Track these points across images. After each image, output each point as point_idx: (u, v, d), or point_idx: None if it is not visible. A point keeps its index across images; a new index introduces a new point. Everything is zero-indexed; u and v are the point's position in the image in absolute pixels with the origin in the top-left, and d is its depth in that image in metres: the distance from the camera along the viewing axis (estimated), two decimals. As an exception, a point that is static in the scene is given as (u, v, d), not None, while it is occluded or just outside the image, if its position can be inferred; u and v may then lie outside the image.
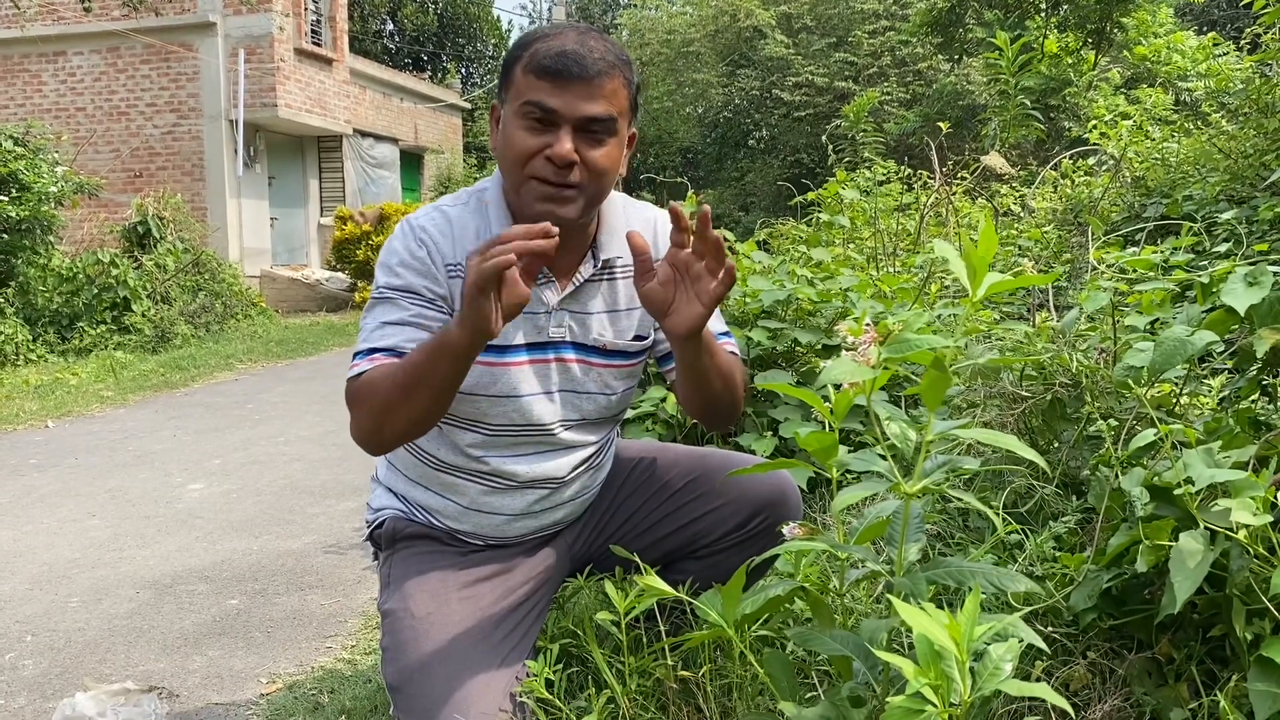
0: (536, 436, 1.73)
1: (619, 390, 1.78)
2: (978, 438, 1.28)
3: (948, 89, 14.19)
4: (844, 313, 3.04)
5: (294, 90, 14.50)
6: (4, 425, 5.96)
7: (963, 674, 1.11)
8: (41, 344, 9.13)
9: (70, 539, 3.56)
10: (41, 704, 2.25)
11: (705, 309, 1.48)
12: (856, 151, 8.12)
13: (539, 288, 1.67)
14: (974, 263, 1.28)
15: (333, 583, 3.03)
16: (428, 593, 1.74)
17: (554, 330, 1.70)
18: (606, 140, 1.57)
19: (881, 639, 1.30)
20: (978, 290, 1.28)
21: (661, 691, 1.75)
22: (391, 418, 1.52)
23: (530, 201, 1.57)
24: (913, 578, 1.32)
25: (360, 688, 2.20)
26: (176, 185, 13.72)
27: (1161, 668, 1.66)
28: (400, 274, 1.63)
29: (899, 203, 6.12)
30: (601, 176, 1.59)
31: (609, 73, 1.56)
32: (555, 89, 1.53)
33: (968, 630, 1.12)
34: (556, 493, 1.78)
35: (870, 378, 1.26)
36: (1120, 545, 1.65)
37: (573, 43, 1.55)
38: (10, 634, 2.68)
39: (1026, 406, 2.22)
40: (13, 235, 9.29)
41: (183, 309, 10.08)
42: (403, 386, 1.48)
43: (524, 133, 1.55)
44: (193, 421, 6.02)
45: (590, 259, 1.71)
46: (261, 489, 4.25)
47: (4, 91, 14.61)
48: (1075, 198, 5.92)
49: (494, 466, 1.73)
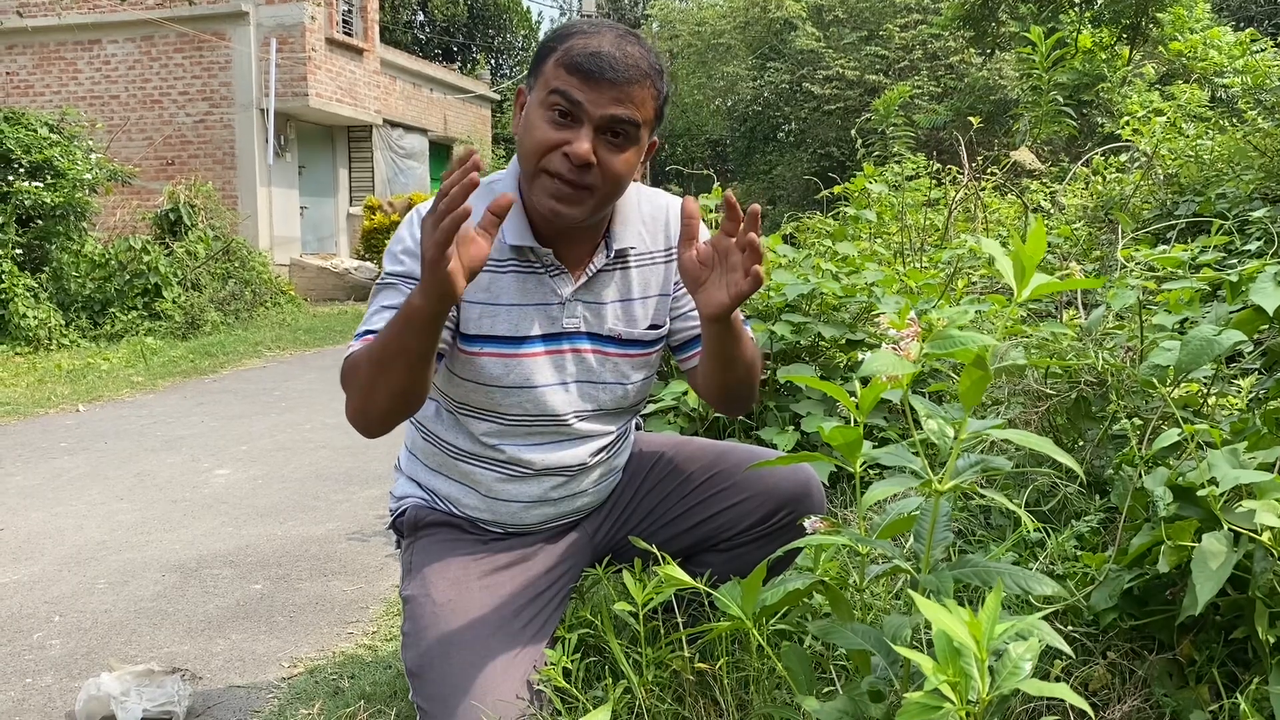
0: (551, 426, 1.73)
1: (636, 380, 1.79)
2: (1013, 438, 1.27)
3: (979, 83, 14.09)
4: (869, 308, 3.03)
5: (325, 80, 14.58)
6: (37, 409, 6.04)
7: (982, 672, 1.11)
8: (74, 329, 9.24)
9: (98, 522, 3.61)
10: (68, 683, 2.28)
11: (729, 301, 1.50)
12: (886, 146, 8.06)
13: (552, 277, 1.68)
14: (1023, 262, 1.26)
15: (355, 569, 3.05)
16: (449, 580, 1.75)
17: (568, 321, 1.70)
18: (626, 147, 1.57)
19: (905, 635, 1.30)
20: (1024, 291, 1.27)
21: (678, 683, 1.76)
22: (373, 395, 1.52)
23: (541, 196, 1.58)
24: (939, 576, 1.31)
25: (380, 673, 2.22)
26: (208, 173, 13.83)
27: (1182, 669, 1.65)
28: (403, 260, 1.64)
29: (927, 197, 6.08)
30: (617, 182, 1.59)
31: (640, 80, 1.56)
32: (585, 86, 1.53)
33: (988, 629, 1.12)
34: (573, 480, 1.79)
35: (911, 372, 1.26)
36: (1142, 545, 1.64)
37: (609, 44, 1.55)
38: (39, 614, 2.72)
39: (1051, 404, 2.20)
40: (47, 221, 9.40)
41: (213, 296, 10.17)
42: (378, 361, 1.49)
43: (546, 124, 1.55)
44: (220, 408, 6.08)
45: (603, 249, 1.71)
46: (287, 475, 4.28)
47: (41, 79, 14.77)
48: (1106, 194, 5.86)
49: (509, 455, 1.74)
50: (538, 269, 1.68)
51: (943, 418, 1.31)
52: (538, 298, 1.68)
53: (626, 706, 1.71)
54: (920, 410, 1.31)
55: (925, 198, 6.01)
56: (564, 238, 1.67)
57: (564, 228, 1.64)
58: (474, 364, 1.67)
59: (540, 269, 1.68)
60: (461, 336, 1.67)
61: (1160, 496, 1.61)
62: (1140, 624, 1.69)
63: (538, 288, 1.68)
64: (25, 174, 9.13)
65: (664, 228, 1.78)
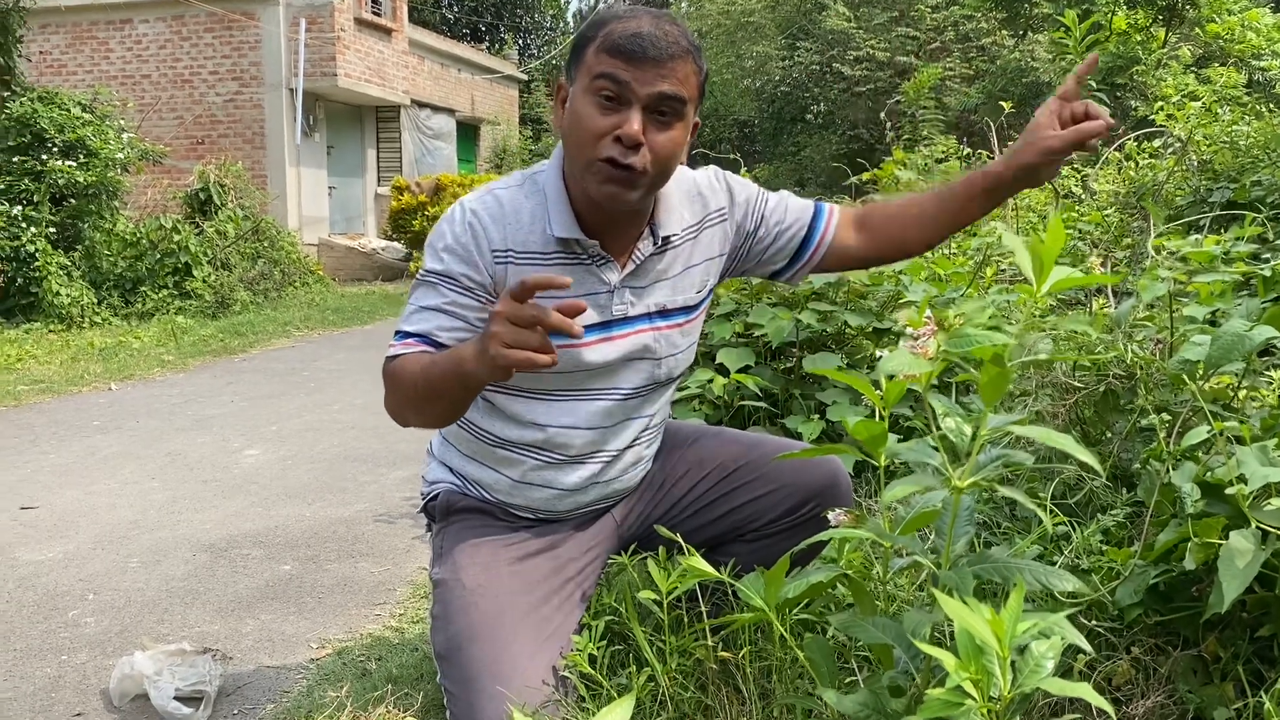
0: (601, 402, 1.75)
1: (683, 346, 1.81)
2: (1034, 436, 1.26)
3: (1011, 65, 13.93)
4: (896, 295, 3.02)
5: (353, 60, 14.61)
6: (70, 387, 6.12)
7: (1004, 670, 1.11)
8: (106, 307, 9.35)
9: (131, 500, 3.66)
10: (102, 660, 2.33)
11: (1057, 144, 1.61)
12: (916, 129, 8.00)
13: (599, 267, 1.69)
14: (1041, 257, 1.26)
15: (382, 551, 3.09)
16: (479, 565, 1.77)
17: (616, 308, 1.71)
18: (674, 124, 1.58)
19: (925, 632, 1.30)
20: (1042, 285, 1.27)
21: (701, 671, 1.77)
22: (411, 414, 1.62)
23: (595, 183, 1.58)
24: (959, 572, 1.32)
25: (407, 655, 2.25)
26: (237, 153, 13.92)
27: (1207, 666, 1.65)
28: (443, 258, 1.65)
29: (954, 180, 6.03)
30: (666, 161, 1.60)
31: (682, 56, 1.57)
32: (629, 66, 1.54)
33: (1010, 627, 1.12)
34: (609, 467, 1.80)
35: (927, 371, 1.26)
36: (1169, 542, 1.63)
37: (648, 25, 1.56)
38: (74, 592, 2.77)
39: (1079, 397, 2.19)
40: (80, 200, 9.51)
41: (242, 275, 10.25)
42: (422, 393, 1.55)
43: (594, 110, 1.56)
44: (250, 387, 6.14)
45: (649, 236, 1.72)
46: (315, 456, 4.33)
47: (73, 58, 14.89)
48: (1139, 180, 5.80)
49: (550, 437, 1.75)
50: (584, 260, 1.68)
51: (961, 416, 1.31)
52: (585, 289, 1.68)
53: (650, 694, 1.72)
54: (938, 409, 1.30)
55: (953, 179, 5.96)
56: (609, 228, 1.68)
57: (615, 215, 1.66)
58: None
59: (586, 260, 1.68)
60: None
61: (1188, 493, 1.61)
62: (1165, 620, 1.68)
63: (585, 278, 1.69)
64: (59, 153, 9.23)
65: (700, 198, 1.80)
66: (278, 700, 2.12)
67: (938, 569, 1.37)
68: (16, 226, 8.73)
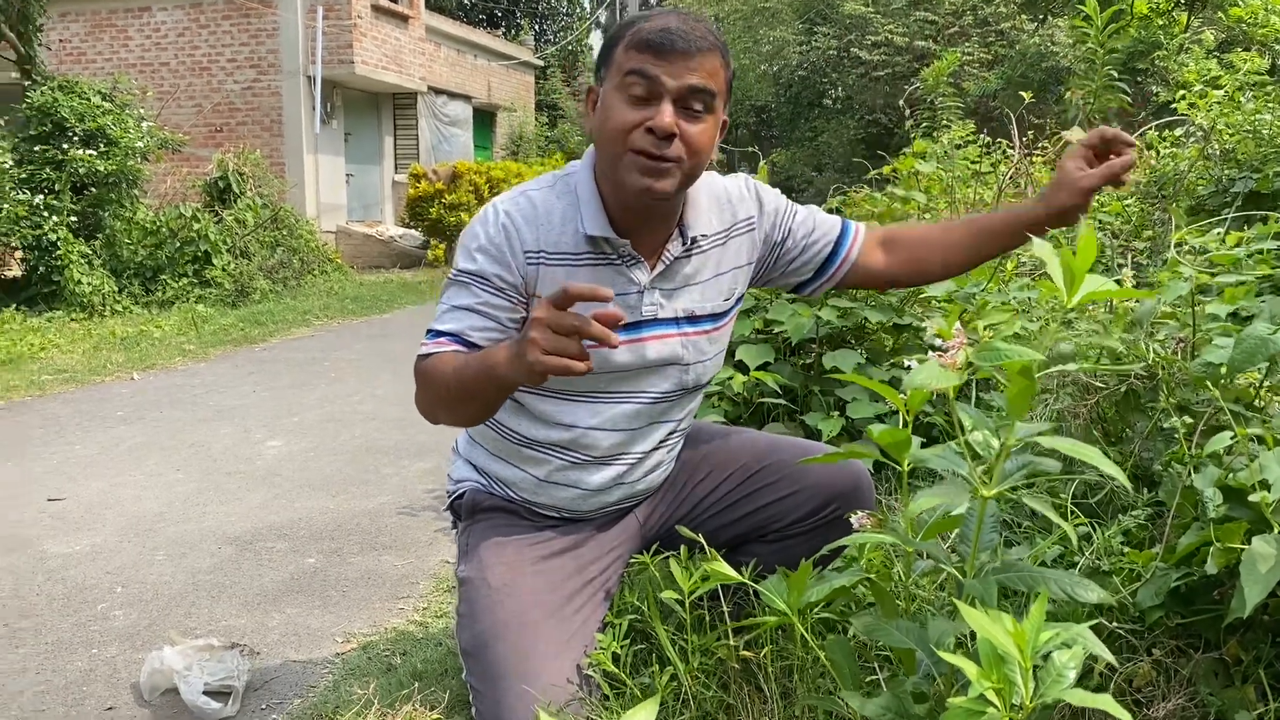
0: (627, 405, 1.76)
1: (711, 353, 1.82)
2: (1061, 448, 1.27)
3: (1031, 50, 13.82)
4: (916, 291, 3.02)
5: (370, 47, 14.62)
6: (93, 376, 6.18)
7: (1025, 680, 1.13)
8: (127, 295, 9.41)
9: (156, 492, 3.71)
10: (131, 654, 2.36)
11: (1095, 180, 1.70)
12: (935, 116, 7.95)
13: (629, 267, 1.71)
14: (1073, 269, 1.26)
15: (405, 544, 3.12)
16: (504, 564, 1.80)
17: (646, 309, 1.73)
18: (704, 117, 1.60)
19: (949, 641, 1.31)
20: (1073, 297, 1.27)
21: (723, 670, 1.79)
22: (443, 412, 1.64)
23: (629, 175, 1.59)
24: (983, 581, 1.33)
25: (431, 650, 2.27)
26: (255, 141, 13.96)
27: (1228, 669, 1.65)
28: (476, 259, 1.67)
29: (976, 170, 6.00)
30: (698, 154, 1.61)
31: (710, 50, 1.59)
32: (659, 60, 1.56)
33: (1032, 637, 1.14)
34: (634, 469, 1.82)
35: (954, 384, 1.27)
36: (1190, 545, 1.64)
37: (675, 21, 1.59)
38: (102, 585, 2.81)
39: (1100, 396, 2.19)
40: (101, 189, 9.56)
41: (261, 264, 10.30)
42: (455, 393, 1.57)
43: (625, 105, 1.58)
44: (271, 377, 6.18)
45: (678, 237, 1.74)
46: (338, 448, 4.36)
47: (93, 46, 14.96)
48: (1160, 170, 5.76)
49: (577, 438, 1.77)
50: (614, 260, 1.70)
51: (988, 427, 1.31)
52: (615, 289, 1.70)
53: (672, 693, 1.74)
54: (966, 421, 1.31)
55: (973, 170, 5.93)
56: (640, 227, 1.70)
57: (647, 213, 1.67)
58: None
59: (616, 260, 1.70)
60: None
61: (1210, 498, 1.61)
62: (1186, 622, 1.69)
63: (614, 279, 1.70)
64: (79, 142, 9.28)
65: (728, 204, 1.82)
66: (304, 695, 2.15)
67: (962, 576, 1.38)
68: (38, 215, 8.79)
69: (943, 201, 4.91)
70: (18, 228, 8.66)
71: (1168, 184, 5.72)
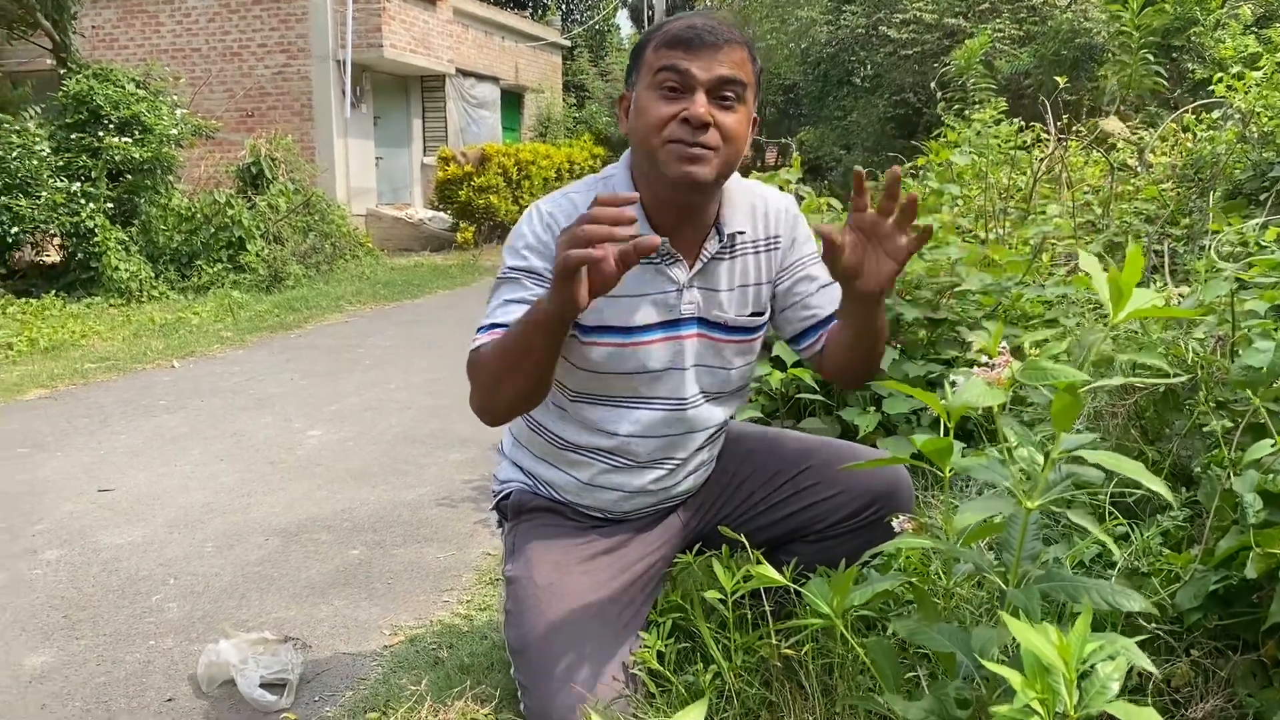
0: (664, 411, 1.80)
1: (738, 365, 1.86)
2: (1105, 463, 1.29)
3: (1064, 26, 13.62)
4: (951, 285, 3.03)
5: (399, 30, 14.65)
6: (135, 364, 6.29)
7: (1070, 691, 1.16)
8: (163, 281, 9.53)
9: (202, 483, 3.78)
10: (187, 646, 2.43)
11: (898, 264, 1.53)
12: (965, 98, 7.89)
13: (668, 266, 1.74)
14: (1119, 287, 1.28)
15: (446, 535, 3.18)
16: (550, 563, 1.85)
17: (685, 307, 1.77)
18: (737, 107, 1.64)
19: (993, 651, 1.34)
20: (1119, 313, 1.29)
21: (765, 668, 1.83)
22: (499, 389, 1.61)
23: (669, 165, 1.62)
24: (1027, 592, 1.36)
25: (477, 644, 2.33)
26: (286, 125, 14.05)
27: (1267, 670, 1.67)
28: (526, 256, 1.72)
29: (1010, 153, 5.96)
30: (733, 141, 1.65)
31: (737, 43, 1.64)
32: (689, 55, 1.61)
33: (1077, 650, 1.16)
34: (673, 473, 1.87)
35: (1000, 401, 1.29)
36: (1229, 549, 1.66)
37: (701, 20, 1.65)
38: (154, 576, 2.88)
39: (1139, 395, 2.20)
40: (136, 175, 9.67)
41: (294, 249, 10.39)
42: (503, 359, 1.57)
43: (659, 100, 1.62)
44: (307, 364, 6.27)
45: (715, 235, 1.77)
46: (376, 437, 4.43)
47: (125, 32, 15.07)
48: (1197, 153, 5.70)
49: (618, 444, 1.81)
50: (654, 259, 1.74)
51: (1033, 444, 1.34)
52: (655, 287, 1.75)
53: (715, 690, 1.79)
54: (1011, 436, 1.34)
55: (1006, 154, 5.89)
56: (678, 226, 1.74)
57: (685, 208, 1.71)
58: (591, 353, 1.75)
59: (656, 259, 1.74)
60: (579, 328, 1.74)
61: (1250, 504, 1.63)
62: (1225, 624, 1.71)
63: (655, 278, 1.75)
64: (115, 129, 9.38)
65: (764, 217, 1.84)
66: (355, 688, 2.21)
67: (1005, 585, 1.41)
68: (76, 203, 8.91)
69: (976, 188, 4.89)
70: (56, 215, 8.78)
71: (1205, 168, 5.66)
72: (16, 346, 6.79)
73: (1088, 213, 5.24)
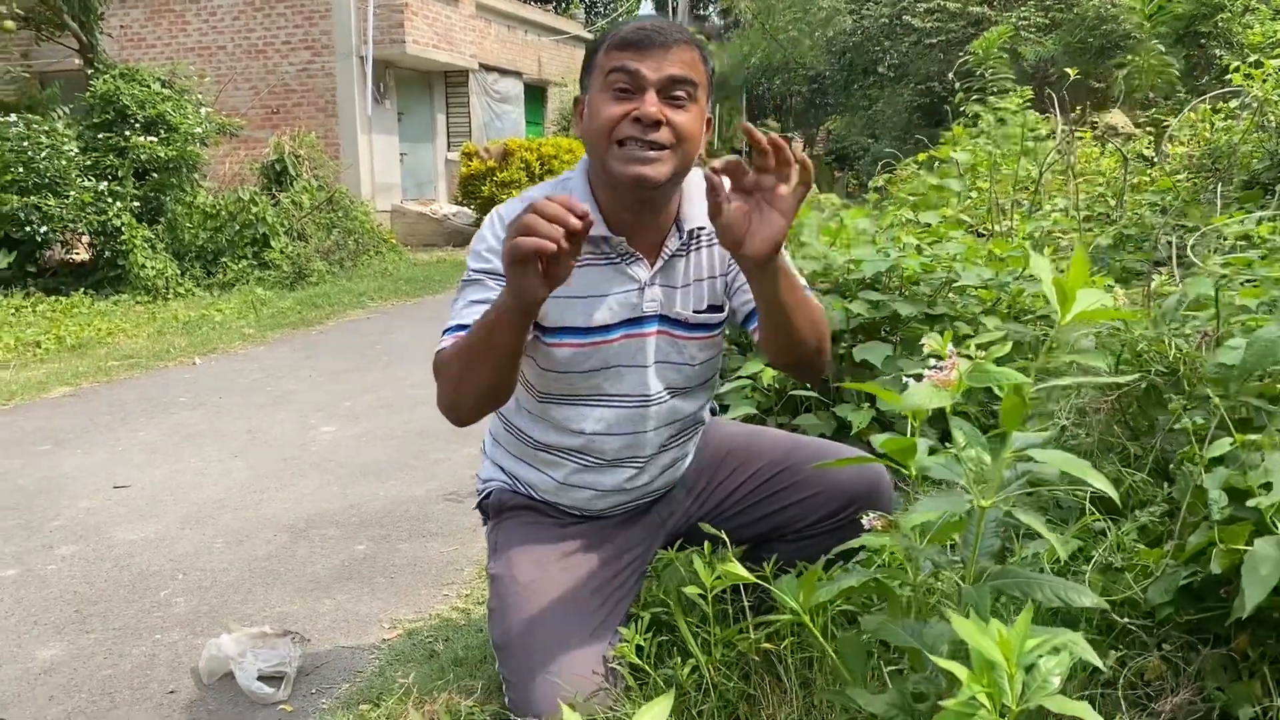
0: (629, 408, 1.83)
1: (701, 359, 1.88)
2: (1052, 462, 1.32)
3: (1090, 13, 13.51)
4: (949, 281, 3.05)
5: (421, 26, 14.74)
6: (157, 362, 6.40)
7: (1012, 686, 1.18)
8: (189, 278, 9.66)
9: (215, 479, 3.86)
10: (191, 640, 2.50)
11: (784, 218, 1.48)
12: (984, 89, 7.85)
13: (628, 265, 1.77)
14: (1064, 289, 1.31)
15: (451, 530, 3.23)
16: (531, 560, 1.89)
17: (647, 305, 1.79)
18: (689, 105, 1.66)
19: (943, 645, 1.37)
20: (1066, 315, 1.31)
21: (745, 662, 1.86)
22: (462, 389, 1.63)
23: (619, 165, 1.64)
24: (979, 589, 1.38)
25: (473, 637, 2.37)
26: (311, 122, 14.18)
27: (1236, 664, 1.69)
28: (488, 258, 1.75)
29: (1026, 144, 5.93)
30: (687, 140, 1.67)
31: (686, 43, 1.67)
32: (639, 55, 1.63)
33: (1018, 645, 1.19)
34: (645, 470, 1.90)
35: (946, 404, 1.32)
36: (1198, 545, 1.67)
37: (650, 22, 1.67)
38: (164, 572, 2.95)
39: (1122, 391, 2.21)
40: (162, 174, 9.80)
41: (318, 246, 10.50)
42: (468, 357, 1.59)
43: (610, 101, 1.64)
44: (326, 361, 6.35)
45: (676, 232, 1.80)
46: (389, 433, 4.50)
47: (152, 31, 15.26)
48: (1214, 143, 5.66)
49: (584, 443, 1.85)
50: (614, 259, 1.77)
51: (981, 444, 1.36)
52: (616, 286, 1.77)
53: (695, 683, 1.82)
54: (959, 437, 1.36)
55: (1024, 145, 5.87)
56: (635, 225, 1.76)
57: (642, 205, 1.73)
58: (554, 354, 1.78)
59: (616, 259, 1.77)
60: (541, 329, 1.77)
61: (1215, 499, 1.64)
62: (1197, 618, 1.73)
63: (615, 277, 1.78)
64: (140, 129, 9.52)
65: None
66: (352, 680, 2.26)
67: (961, 583, 1.44)
68: (103, 201, 9.06)
69: (984, 182, 4.89)
70: (84, 214, 8.93)
71: (1221, 157, 5.62)
72: (44, 345, 6.93)
73: (1101, 204, 5.22)
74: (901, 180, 5.60)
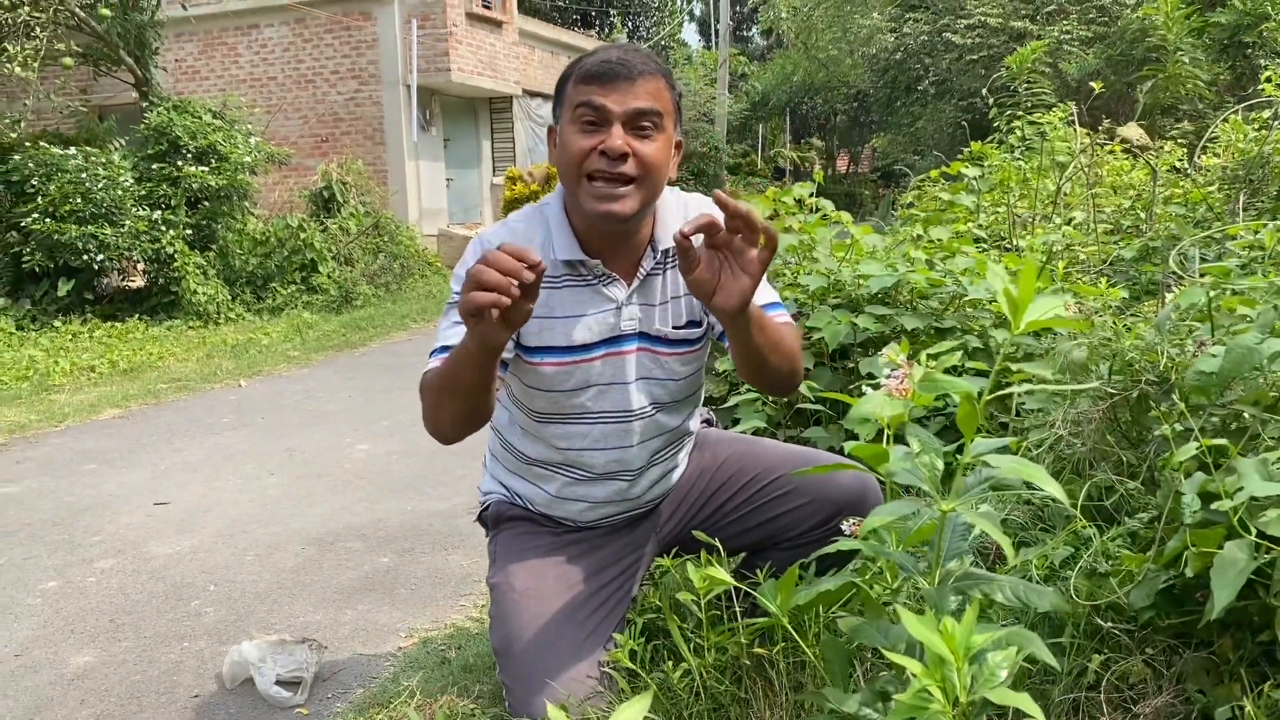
0: (613, 425, 1.90)
1: (684, 374, 1.93)
2: (1005, 469, 1.36)
3: (1132, 26, 13.39)
4: (958, 295, 3.08)
5: (466, 54, 15.01)
6: (204, 384, 6.58)
7: (961, 679, 1.23)
8: (239, 303, 9.92)
9: (251, 496, 3.99)
10: (216, 647, 2.60)
11: (752, 279, 1.52)
12: (1018, 103, 7.84)
13: (605, 286, 1.83)
14: (1015, 300, 1.36)
15: (472, 544, 3.31)
16: (527, 569, 1.96)
17: (625, 324, 1.85)
18: (655, 136, 1.71)
19: (900, 643, 1.42)
20: (1019, 324, 1.36)
21: (737, 666, 1.91)
22: (438, 415, 1.72)
23: (589, 202, 1.71)
24: (940, 590, 1.43)
25: (483, 645, 2.44)
26: (359, 149, 14.48)
27: (1218, 666, 1.71)
28: None
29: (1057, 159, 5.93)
30: (654, 170, 1.72)
31: (652, 74, 1.71)
32: (604, 89, 1.68)
33: (963, 640, 1.24)
34: (635, 483, 1.96)
35: (899, 413, 1.37)
36: (1175, 549, 1.70)
37: (616, 53, 1.72)
38: (197, 584, 3.07)
39: (1114, 400, 2.24)
40: (213, 202, 10.10)
41: (364, 270, 10.72)
42: (440, 390, 1.67)
43: (578, 134, 1.70)
44: (367, 381, 6.49)
45: (650, 253, 1.86)
46: (419, 450, 4.60)
47: (205, 64, 15.70)
48: (1246, 154, 5.61)
49: (572, 458, 1.92)
50: (590, 280, 1.83)
51: (935, 450, 1.41)
52: (594, 306, 1.83)
53: (687, 686, 1.88)
54: (914, 445, 1.41)
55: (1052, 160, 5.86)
56: (611, 248, 1.82)
57: (614, 232, 1.78)
58: (536, 372, 1.85)
59: (592, 280, 1.83)
60: (522, 349, 1.85)
61: (1187, 504, 1.67)
62: (1178, 622, 1.75)
63: (593, 298, 1.84)
64: (193, 159, 9.81)
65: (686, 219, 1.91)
66: (366, 685, 2.35)
67: (927, 585, 1.48)
68: (157, 230, 9.35)
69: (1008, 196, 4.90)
70: (139, 242, 9.22)
71: (1254, 169, 5.57)
72: (98, 369, 7.16)
73: (1130, 216, 5.20)
74: (930, 196, 5.62)
